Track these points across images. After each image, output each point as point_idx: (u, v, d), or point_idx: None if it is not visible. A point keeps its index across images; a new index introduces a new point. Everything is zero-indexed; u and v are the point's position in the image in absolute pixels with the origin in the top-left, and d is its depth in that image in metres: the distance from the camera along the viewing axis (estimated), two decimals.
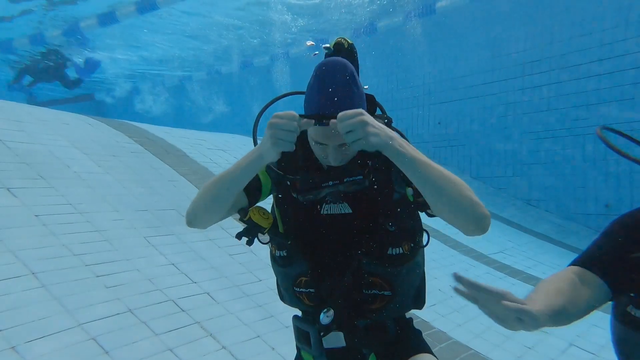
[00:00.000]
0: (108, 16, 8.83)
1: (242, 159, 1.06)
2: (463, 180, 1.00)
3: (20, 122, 4.22)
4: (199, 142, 5.88)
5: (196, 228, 1.16)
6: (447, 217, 1.00)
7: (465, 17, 8.42)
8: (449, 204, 0.97)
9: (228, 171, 1.08)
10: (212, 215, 1.12)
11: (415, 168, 0.96)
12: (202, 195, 1.11)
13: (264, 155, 1.00)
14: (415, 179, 0.97)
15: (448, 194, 0.96)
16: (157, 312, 2.45)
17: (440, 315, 3.37)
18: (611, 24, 6.76)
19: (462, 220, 0.98)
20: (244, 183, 1.07)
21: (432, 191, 0.97)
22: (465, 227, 1.00)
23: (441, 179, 0.97)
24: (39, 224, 2.81)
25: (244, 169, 1.04)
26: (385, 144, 0.94)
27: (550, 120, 7.47)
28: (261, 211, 1.16)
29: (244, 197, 1.16)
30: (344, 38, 1.15)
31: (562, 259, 5.69)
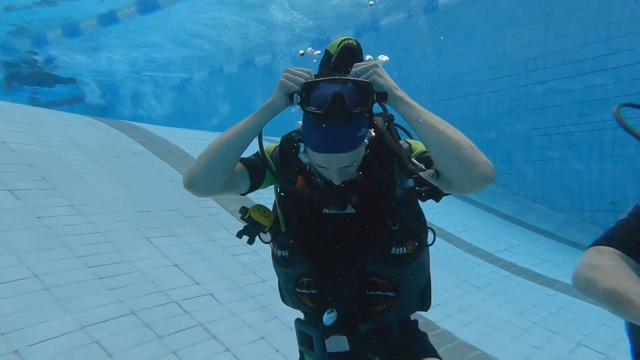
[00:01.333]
0: (109, 16, 8.83)
1: (251, 115, 1.06)
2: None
3: (23, 123, 4.22)
4: (202, 142, 5.87)
5: (193, 191, 1.08)
6: (449, 164, 0.97)
7: (468, 13, 8.34)
8: (450, 147, 0.97)
9: (236, 125, 1.06)
10: (213, 177, 1.05)
11: (416, 112, 1.00)
12: (207, 152, 1.06)
13: (273, 100, 1.02)
14: (417, 125, 0.99)
15: (448, 137, 0.97)
16: (161, 314, 2.43)
17: (445, 315, 3.34)
18: (617, 18, 6.67)
19: (465, 166, 0.95)
20: (253, 135, 1.05)
21: (433, 135, 0.98)
22: (469, 175, 0.95)
23: (441, 123, 1.00)
24: (41, 226, 2.80)
25: (251, 119, 1.05)
26: (389, 87, 1.00)
27: (555, 116, 7.39)
28: (262, 209, 1.14)
29: (247, 175, 1.12)
30: (351, 38, 1.10)
31: (568, 256, 5.63)
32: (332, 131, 0.95)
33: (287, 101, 1.02)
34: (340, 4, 9.69)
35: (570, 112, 7.22)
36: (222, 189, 1.09)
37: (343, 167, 1.01)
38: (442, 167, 0.98)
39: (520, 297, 4.00)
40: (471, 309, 3.54)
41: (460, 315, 3.39)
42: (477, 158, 0.96)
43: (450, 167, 0.97)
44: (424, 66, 9.21)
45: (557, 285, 4.43)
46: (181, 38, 12.22)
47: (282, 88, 1.00)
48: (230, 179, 1.08)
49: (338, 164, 0.99)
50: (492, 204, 7.26)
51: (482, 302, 3.75)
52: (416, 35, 9.08)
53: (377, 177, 1.08)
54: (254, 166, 1.13)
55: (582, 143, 7.07)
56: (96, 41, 11.72)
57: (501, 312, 3.58)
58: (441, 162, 0.98)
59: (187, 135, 5.99)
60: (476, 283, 4.13)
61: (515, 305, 3.78)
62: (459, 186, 0.99)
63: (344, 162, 0.99)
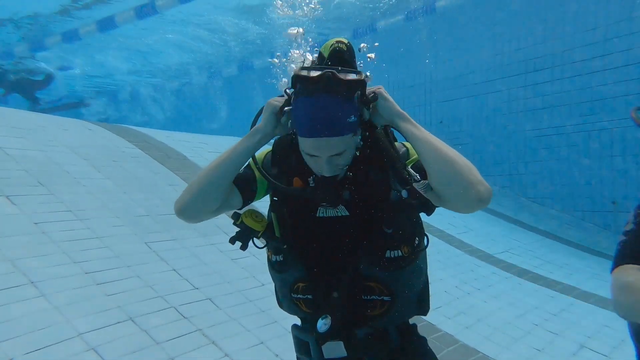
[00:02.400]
0: (107, 21, 8.84)
1: (241, 139, 1.09)
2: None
3: (20, 128, 4.20)
4: (200, 145, 5.85)
5: (185, 218, 1.09)
6: (445, 182, 0.96)
7: (465, 15, 8.36)
8: (447, 165, 0.96)
9: (226, 151, 1.07)
10: (205, 204, 1.06)
11: (415, 128, 1.02)
12: (198, 179, 1.07)
13: (262, 124, 1.06)
14: (415, 140, 1.00)
15: (446, 154, 0.98)
16: (159, 319, 2.41)
17: (446, 317, 3.31)
18: (615, 19, 6.68)
19: (461, 186, 0.95)
20: (243, 160, 1.07)
21: (431, 151, 0.99)
22: (464, 196, 0.95)
23: (439, 142, 1.01)
24: (38, 232, 2.78)
25: (240, 145, 1.07)
26: (388, 100, 1.03)
27: (554, 117, 7.39)
28: (254, 214, 1.12)
29: (238, 194, 1.12)
30: (341, 40, 1.08)
31: (570, 257, 5.61)
32: (322, 114, 0.94)
33: (276, 121, 1.05)
34: (339, 5, 9.71)
35: (569, 112, 7.22)
36: (215, 213, 1.10)
37: (333, 154, 0.99)
38: (437, 184, 0.98)
39: (522, 298, 3.97)
40: (472, 311, 3.52)
41: (461, 317, 3.37)
42: (474, 178, 0.95)
43: (446, 186, 0.96)
44: (422, 68, 9.22)
45: (558, 287, 4.40)
46: (179, 42, 12.24)
47: (270, 107, 1.05)
48: (222, 202, 1.09)
49: (328, 151, 0.98)
50: (492, 205, 7.24)
51: (483, 303, 3.73)
52: (414, 37, 9.09)
53: (371, 180, 1.07)
54: (243, 182, 1.12)
55: (582, 143, 7.06)
56: (95, 46, 11.74)
57: (502, 314, 3.56)
58: (437, 180, 0.97)
59: (185, 139, 5.98)
60: (477, 285, 4.10)
61: (517, 306, 3.76)
62: (453, 205, 0.98)
63: (333, 149, 0.98)
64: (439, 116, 9.06)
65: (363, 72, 1.02)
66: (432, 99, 9.16)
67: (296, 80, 0.97)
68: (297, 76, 0.96)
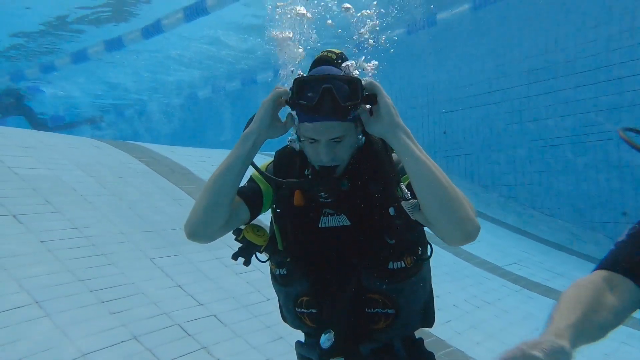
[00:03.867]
0: (115, 42, 9.05)
1: (234, 146, 1.05)
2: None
3: (29, 147, 4.26)
4: (204, 159, 5.89)
5: (197, 241, 1.08)
6: (436, 214, 0.95)
7: (466, 27, 8.45)
8: (441, 197, 0.94)
9: (222, 162, 1.05)
10: (212, 218, 1.04)
11: (410, 149, 0.96)
12: (200, 199, 1.05)
13: (256, 124, 1.02)
14: (411, 164, 0.96)
15: (441, 186, 0.95)
16: (163, 337, 2.37)
17: (456, 332, 3.23)
18: (617, 30, 6.71)
19: (451, 221, 0.94)
20: (239, 168, 1.03)
21: (425, 180, 0.95)
22: (453, 231, 0.95)
23: (436, 168, 0.96)
24: (44, 250, 2.78)
25: (234, 153, 1.04)
26: (389, 105, 0.98)
27: (560, 127, 7.36)
28: (255, 229, 1.12)
29: (244, 206, 1.10)
30: (332, 50, 1.11)
31: (581, 269, 5.50)
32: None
33: (271, 119, 1.02)
34: (340, 20, 9.86)
35: (574, 122, 7.19)
36: (225, 229, 1.08)
37: (332, 138, 1.00)
38: (427, 213, 0.96)
39: (534, 313, 3.88)
40: (483, 326, 3.43)
41: (472, 332, 3.29)
42: (464, 214, 0.94)
43: (434, 217, 0.95)
44: (425, 79, 9.28)
45: None
46: (183, 59, 12.48)
47: (272, 95, 1.02)
48: (230, 216, 1.07)
49: (327, 134, 0.99)
50: (498, 216, 7.16)
51: (494, 318, 3.64)
52: (416, 49, 9.18)
53: (370, 191, 1.07)
54: (248, 194, 1.12)
55: (589, 153, 7.01)
56: (101, 66, 12.01)
57: (515, 330, 3.47)
58: (426, 209, 0.96)
59: (189, 153, 6.03)
60: (487, 298, 4.02)
61: (530, 322, 3.66)
62: (439, 233, 0.98)
63: (332, 133, 0.99)
64: (442, 127, 9.07)
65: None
66: (435, 110, 9.19)
67: (295, 84, 0.99)
68: (297, 79, 0.99)
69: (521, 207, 7.68)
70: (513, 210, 7.53)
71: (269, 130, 1.03)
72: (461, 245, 0.98)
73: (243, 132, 1.05)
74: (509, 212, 7.43)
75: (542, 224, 7.15)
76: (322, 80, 0.96)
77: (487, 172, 8.28)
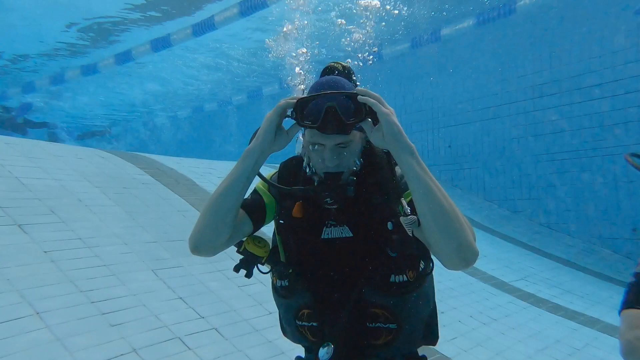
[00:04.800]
0: (124, 55, 9.25)
1: (237, 162, 1.05)
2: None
3: (36, 158, 4.32)
4: (209, 171, 5.92)
5: (201, 255, 1.08)
6: (436, 237, 0.94)
7: (470, 42, 8.53)
8: (443, 223, 0.92)
9: (225, 178, 1.05)
10: (215, 233, 1.04)
11: (414, 168, 0.94)
12: (203, 213, 1.05)
13: (259, 140, 1.02)
14: (416, 185, 0.95)
15: (444, 211, 0.93)
16: (163, 351, 2.34)
17: (462, 349, 3.16)
18: (622, 46, 6.73)
19: (451, 246, 0.93)
20: (243, 184, 1.03)
21: (429, 202, 0.94)
22: (451, 256, 0.94)
23: (441, 192, 0.95)
24: (47, 261, 2.78)
25: (238, 168, 1.03)
26: (397, 126, 0.95)
27: (566, 142, 7.33)
28: (256, 240, 1.12)
29: (248, 220, 1.10)
30: (338, 62, 1.14)
31: (590, 286, 5.38)
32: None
33: (273, 135, 1.02)
34: (342, 35, 10.01)
35: (581, 137, 7.16)
36: (229, 242, 1.08)
37: (338, 143, 1.01)
38: (427, 234, 0.96)
39: (542, 330, 3.78)
40: (489, 344, 3.35)
41: (478, 350, 3.21)
42: (464, 241, 0.93)
43: (435, 240, 0.95)
44: (429, 93, 9.32)
45: (580, 318, 4.19)
46: (190, 71, 12.69)
47: (276, 110, 1.02)
48: (233, 231, 1.07)
49: (333, 139, 1.00)
50: (505, 231, 7.07)
51: (501, 335, 3.55)
52: (420, 64, 9.26)
53: (374, 203, 1.07)
54: (251, 207, 1.12)
55: (596, 169, 6.94)
56: (110, 80, 12.25)
57: (522, 348, 3.38)
58: (427, 231, 0.96)
59: (195, 165, 6.06)
60: (493, 315, 3.93)
61: (537, 339, 3.57)
62: (437, 255, 0.98)
63: (338, 138, 1.00)
64: (447, 140, 9.06)
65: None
66: (440, 124, 9.20)
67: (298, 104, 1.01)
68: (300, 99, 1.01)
69: (528, 222, 7.59)
70: (519, 225, 7.44)
71: (272, 145, 1.03)
72: (457, 271, 0.97)
73: (247, 147, 1.05)
74: (515, 227, 7.34)
75: (549, 240, 7.04)
76: (325, 99, 0.97)
77: (493, 186, 8.23)
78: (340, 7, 8.54)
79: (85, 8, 8.97)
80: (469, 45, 8.57)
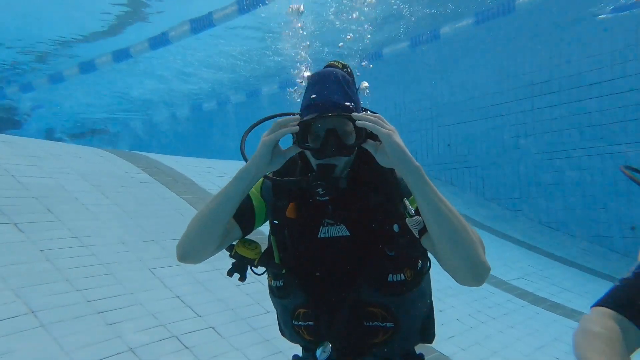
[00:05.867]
0: (122, 53, 9.22)
1: (231, 179, 1.05)
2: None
3: (34, 157, 4.30)
4: (208, 170, 5.90)
5: (188, 263, 1.11)
6: (445, 253, 0.95)
7: (470, 41, 8.51)
8: (452, 237, 0.93)
9: (218, 193, 1.06)
10: (204, 245, 1.06)
11: (421, 190, 0.94)
12: (193, 224, 1.07)
13: (254, 161, 1.01)
14: (420, 202, 0.95)
15: (456, 229, 0.93)
16: (160, 350, 2.33)
17: (460, 348, 3.15)
18: (622, 44, 6.72)
19: (464, 265, 0.93)
20: (235, 201, 1.04)
21: (435, 219, 0.94)
22: (464, 274, 0.95)
23: (452, 212, 0.94)
24: (43, 259, 2.77)
25: (232, 187, 1.03)
26: (403, 151, 0.94)
27: (565, 140, 7.32)
28: (246, 243, 1.12)
29: (236, 226, 1.12)
30: (337, 61, 1.15)
31: (589, 284, 5.38)
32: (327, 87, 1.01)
33: (270, 158, 1.01)
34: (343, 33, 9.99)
35: (580, 136, 7.15)
36: (217, 250, 1.10)
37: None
38: (440, 254, 0.96)
39: (540, 329, 3.77)
40: (488, 342, 3.34)
41: (476, 348, 3.20)
42: (477, 259, 0.93)
43: (449, 260, 0.95)
44: (429, 92, 9.31)
45: (579, 317, 4.18)
46: (188, 70, 12.66)
47: (276, 136, 1.00)
48: (223, 240, 1.09)
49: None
50: (504, 229, 7.06)
51: (499, 334, 3.55)
52: (420, 62, 9.24)
53: (370, 202, 1.06)
54: (241, 213, 1.12)
55: (595, 167, 6.94)
56: (107, 77, 12.21)
57: (521, 346, 3.37)
58: (441, 252, 0.96)
59: (193, 164, 6.04)
60: (491, 313, 3.92)
61: (536, 338, 3.56)
62: (449, 272, 0.98)
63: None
64: (446, 139, 9.05)
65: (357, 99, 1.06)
66: (439, 123, 9.19)
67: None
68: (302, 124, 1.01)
69: (527, 221, 7.59)
70: (519, 224, 7.43)
71: (268, 166, 1.03)
72: (465, 286, 0.98)
73: (242, 167, 1.05)
74: (514, 225, 7.33)
75: (548, 238, 7.03)
76: (326, 121, 0.99)
77: (493, 185, 8.22)
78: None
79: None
80: (468, 44, 8.55)
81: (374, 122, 0.95)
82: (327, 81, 1.03)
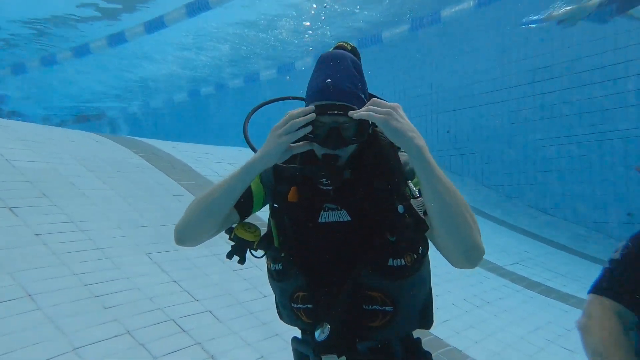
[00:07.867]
0: (118, 37, 9.04)
1: (237, 169, 1.05)
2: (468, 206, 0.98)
3: (29, 141, 4.25)
4: (206, 155, 5.86)
5: (185, 246, 1.12)
6: (445, 237, 0.96)
7: (470, 25, 8.36)
8: (453, 223, 0.94)
9: (222, 181, 1.06)
10: (203, 231, 1.08)
11: (421, 169, 0.94)
12: (194, 210, 1.07)
13: (267, 150, 1.00)
14: (426, 184, 0.95)
15: (455, 211, 0.94)
16: (157, 333, 2.35)
17: (455, 331, 3.19)
18: (623, 28, 6.61)
19: (459, 246, 0.95)
20: (239, 192, 1.05)
21: (438, 200, 0.94)
22: (458, 255, 0.96)
23: (451, 191, 0.95)
24: (39, 243, 2.76)
25: (241, 175, 1.03)
26: (404, 130, 0.93)
27: (564, 127, 7.28)
28: (246, 226, 1.12)
29: (235, 212, 1.12)
30: (346, 42, 1.14)
31: (583, 269, 5.43)
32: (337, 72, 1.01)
33: (282, 154, 1.01)
34: (342, 17, 9.81)
35: (579, 122, 7.11)
36: (215, 234, 1.12)
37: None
38: (435, 235, 0.98)
39: (534, 312, 3.83)
40: (482, 325, 3.39)
41: (471, 331, 3.25)
42: (472, 241, 0.95)
43: (444, 242, 0.97)
44: (428, 78, 9.20)
45: (572, 301, 4.24)
46: (185, 53, 12.47)
47: (291, 138, 0.99)
48: (220, 225, 1.11)
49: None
50: (501, 215, 7.09)
51: (493, 318, 3.60)
52: (419, 47, 9.10)
53: (374, 189, 1.05)
54: (240, 198, 1.11)
55: (593, 153, 6.92)
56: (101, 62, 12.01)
57: (514, 329, 3.42)
58: (437, 232, 0.97)
59: (190, 150, 6.00)
60: (486, 298, 3.97)
61: (529, 321, 3.62)
62: (443, 254, 0.99)
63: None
64: (446, 126, 9.00)
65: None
66: (438, 109, 9.12)
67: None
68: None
69: (524, 207, 7.62)
70: (516, 210, 7.46)
71: (277, 161, 1.04)
72: (458, 267, 0.99)
73: (250, 160, 1.04)
74: (511, 211, 7.36)
75: (545, 224, 7.07)
76: (330, 117, 0.99)
77: (491, 171, 8.22)
78: None
79: None
80: (468, 29, 8.41)
81: (367, 110, 0.94)
82: (339, 67, 1.03)
